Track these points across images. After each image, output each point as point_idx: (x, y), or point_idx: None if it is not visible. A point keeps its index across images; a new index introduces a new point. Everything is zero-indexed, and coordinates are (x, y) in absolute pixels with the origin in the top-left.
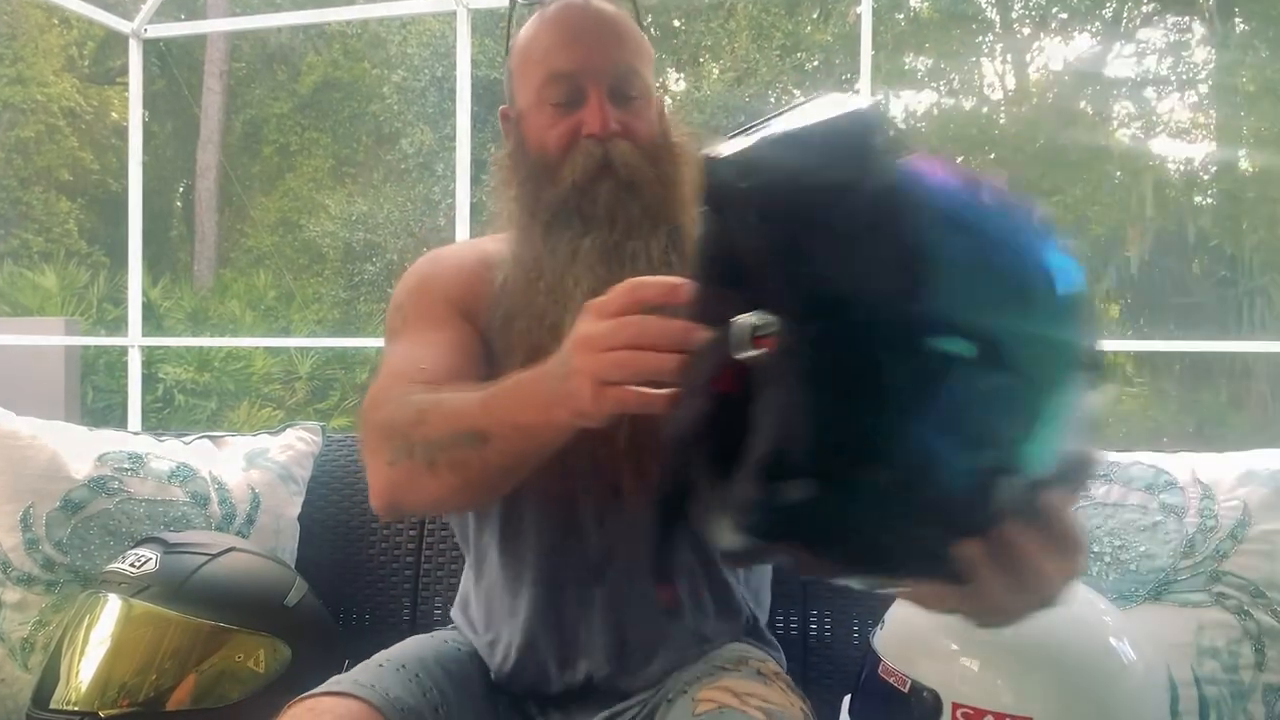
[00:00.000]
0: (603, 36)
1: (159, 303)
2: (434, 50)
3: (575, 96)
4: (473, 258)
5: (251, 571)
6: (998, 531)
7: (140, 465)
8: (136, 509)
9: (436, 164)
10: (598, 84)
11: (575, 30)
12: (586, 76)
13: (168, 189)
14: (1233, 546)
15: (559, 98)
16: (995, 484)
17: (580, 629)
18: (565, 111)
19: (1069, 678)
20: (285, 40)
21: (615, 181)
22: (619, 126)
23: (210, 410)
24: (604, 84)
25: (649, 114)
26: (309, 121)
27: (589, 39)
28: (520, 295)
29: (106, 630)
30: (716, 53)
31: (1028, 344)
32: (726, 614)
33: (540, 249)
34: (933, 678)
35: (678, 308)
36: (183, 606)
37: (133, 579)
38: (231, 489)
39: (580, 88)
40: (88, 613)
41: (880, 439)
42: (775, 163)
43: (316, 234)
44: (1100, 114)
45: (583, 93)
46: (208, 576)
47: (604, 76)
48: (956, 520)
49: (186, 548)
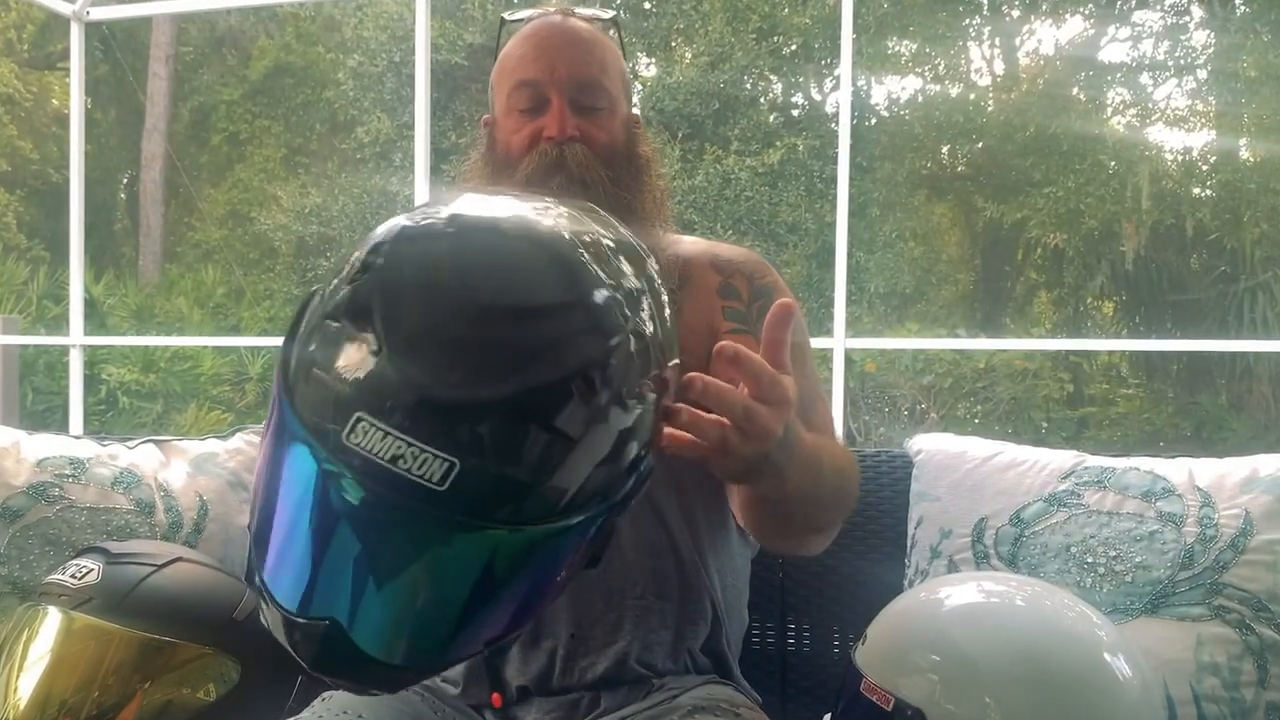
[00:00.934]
0: (572, 50)
1: (102, 300)
2: (392, 34)
3: (539, 103)
4: None
5: (199, 583)
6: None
7: (82, 471)
8: (78, 517)
9: (394, 153)
10: (560, 92)
11: (545, 43)
12: (550, 85)
13: (111, 180)
14: (1234, 557)
15: (524, 104)
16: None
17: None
18: (530, 117)
19: (1061, 696)
20: (235, 23)
21: (567, 178)
22: (576, 132)
23: (156, 413)
24: (566, 93)
25: (611, 126)
26: (260, 109)
27: (556, 52)
28: None
29: (46, 645)
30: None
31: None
32: (694, 608)
33: None
34: (917, 696)
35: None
36: (126, 620)
37: (74, 591)
38: (178, 496)
39: (544, 95)
40: (26, 626)
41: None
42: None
43: (268, 227)
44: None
45: (546, 100)
46: (153, 588)
47: (567, 86)
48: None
49: (131, 558)
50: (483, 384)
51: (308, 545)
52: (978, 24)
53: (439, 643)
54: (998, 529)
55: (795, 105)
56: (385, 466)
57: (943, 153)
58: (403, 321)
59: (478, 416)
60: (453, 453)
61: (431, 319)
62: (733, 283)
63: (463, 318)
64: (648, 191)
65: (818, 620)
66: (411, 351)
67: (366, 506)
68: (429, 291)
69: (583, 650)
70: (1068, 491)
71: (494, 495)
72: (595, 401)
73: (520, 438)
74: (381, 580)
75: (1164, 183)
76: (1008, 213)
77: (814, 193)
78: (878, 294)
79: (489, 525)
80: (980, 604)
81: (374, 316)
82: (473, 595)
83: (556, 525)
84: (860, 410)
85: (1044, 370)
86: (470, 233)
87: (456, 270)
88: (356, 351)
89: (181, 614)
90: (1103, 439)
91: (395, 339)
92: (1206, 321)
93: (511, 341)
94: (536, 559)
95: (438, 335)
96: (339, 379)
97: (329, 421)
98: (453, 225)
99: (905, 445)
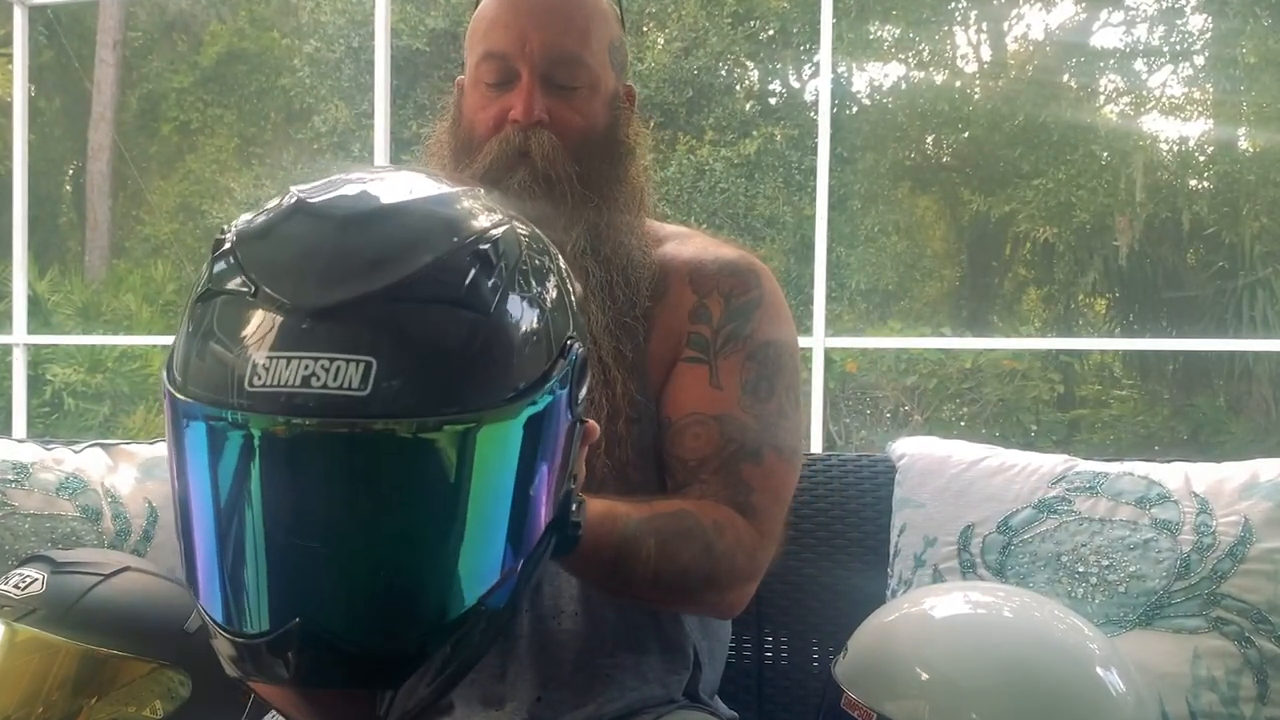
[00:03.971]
0: (548, 18)
1: (46, 296)
2: (350, 18)
3: (507, 78)
4: None
5: (149, 594)
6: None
7: (25, 476)
8: (21, 524)
9: (352, 143)
10: (531, 68)
11: (519, 8)
12: (520, 59)
13: (56, 171)
14: (1232, 566)
15: (491, 77)
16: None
17: (509, 664)
18: (498, 92)
19: (1051, 712)
20: (186, 7)
21: (530, 172)
22: (545, 115)
23: (103, 415)
24: (538, 69)
25: (589, 107)
26: (212, 97)
27: (530, 20)
28: None
29: None
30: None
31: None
32: (674, 659)
33: None
34: (901, 713)
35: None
36: (72, 632)
37: (16, 601)
38: (126, 502)
39: (513, 69)
40: None
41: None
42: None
43: (220, 220)
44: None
45: (516, 75)
46: (100, 599)
47: (540, 61)
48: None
49: (76, 567)
50: (374, 276)
51: (238, 537)
52: (964, 8)
53: (428, 600)
54: (984, 537)
55: (773, 93)
56: (298, 392)
57: (927, 143)
58: (269, 258)
59: (377, 308)
60: (366, 351)
61: (299, 244)
62: (706, 304)
63: (330, 231)
64: (624, 184)
65: (796, 633)
66: (289, 274)
67: (288, 448)
68: (288, 228)
69: (549, 715)
70: (1058, 498)
71: (422, 385)
72: (495, 273)
73: (428, 319)
74: (331, 538)
75: (1159, 174)
76: (995, 205)
77: (792, 184)
78: (859, 291)
79: (425, 418)
80: (966, 615)
81: (240, 267)
82: (436, 521)
83: (503, 410)
84: (841, 413)
85: (1033, 370)
86: (322, 201)
87: (316, 213)
88: (233, 307)
89: (130, 626)
90: (1095, 442)
91: (267, 272)
92: (1204, 319)
93: (390, 233)
94: (497, 460)
95: (311, 254)
96: (226, 341)
97: (228, 381)
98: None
99: (888, 449)
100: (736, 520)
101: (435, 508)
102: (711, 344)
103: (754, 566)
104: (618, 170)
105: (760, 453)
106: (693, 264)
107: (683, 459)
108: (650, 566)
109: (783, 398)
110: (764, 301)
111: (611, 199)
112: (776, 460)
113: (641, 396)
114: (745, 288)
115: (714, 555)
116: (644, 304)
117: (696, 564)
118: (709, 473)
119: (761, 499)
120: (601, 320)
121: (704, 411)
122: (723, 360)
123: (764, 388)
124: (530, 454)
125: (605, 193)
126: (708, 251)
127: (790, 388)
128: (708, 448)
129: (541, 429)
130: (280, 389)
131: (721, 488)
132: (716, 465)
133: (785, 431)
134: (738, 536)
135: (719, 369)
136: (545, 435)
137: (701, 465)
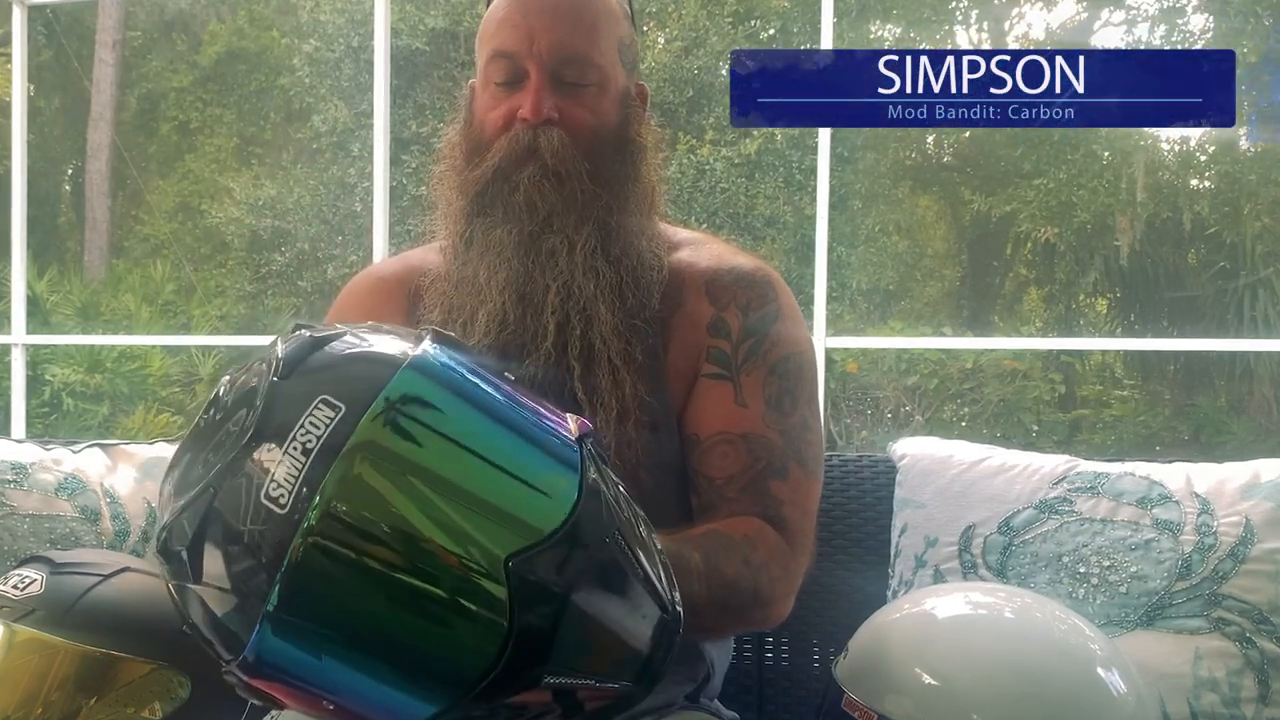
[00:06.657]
0: (556, 17)
1: (45, 296)
2: (349, 18)
3: (516, 77)
4: (394, 271)
5: (148, 594)
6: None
7: (24, 476)
8: (20, 525)
9: (352, 143)
10: (540, 66)
11: (528, 7)
12: (529, 58)
13: (55, 171)
14: (1234, 567)
15: (500, 77)
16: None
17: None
18: (507, 91)
19: (1052, 713)
20: (185, 7)
21: (539, 169)
22: (555, 113)
23: (102, 415)
24: (546, 67)
25: (600, 105)
26: (211, 96)
27: (538, 19)
28: (437, 286)
29: None
30: (662, 19)
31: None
32: (686, 671)
33: (458, 236)
34: (901, 713)
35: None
36: (71, 633)
37: (16, 602)
38: (125, 503)
39: (522, 69)
40: None
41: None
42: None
43: (219, 220)
44: None
45: (524, 74)
46: (99, 599)
47: (548, 59)
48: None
49: (75, 568)
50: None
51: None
52: (964, 7)
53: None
54: (986, 537)
55: None
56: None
57: (928, 142)
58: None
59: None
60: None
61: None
62: (724, 317)
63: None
64: (636, 182)
65: (796, 633)
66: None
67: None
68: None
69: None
70: (1059, 498)
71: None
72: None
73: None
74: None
75: (1160, 174)
76: (996, 205)
77: (793, 184)
78: (860, 291)
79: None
80: (967, 616)
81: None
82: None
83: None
84: (842, 413)
85: (1034, 371)
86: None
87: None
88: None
89: (129, 627)
90: (1096, 443)
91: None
92: (1205, 320)
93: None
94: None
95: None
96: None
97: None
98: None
99: (888, 449)
100: (767, 532)
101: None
102: (733, 360)
103: (790, 577)
104: (629, 168)
105: (786, 468)
106: (709, 275)
107: (710, 477)
108: (702, 581)
109: (805, 410)
110: (781, 313)
111: (623, 198)
112: (802, 474)
113: (655, 402)
114: (763, 300)
115: (753, 567)
116: (655, 308)
117: (740, 576)
118: (736, 490)
119: (790, 511)
120: (610, 321)
121: (730, 430)
122: (745, 377)
123: (787, 402)
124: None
125: (616, 191)
126: (724, 262)
127: (811, 399)
128: (735, 466)
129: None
130: None
131: (751, 504)
132: (744, 483)
133: (808, 444)
134: (770, 549)
135: (742, 386)
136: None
137: (729, 483)
